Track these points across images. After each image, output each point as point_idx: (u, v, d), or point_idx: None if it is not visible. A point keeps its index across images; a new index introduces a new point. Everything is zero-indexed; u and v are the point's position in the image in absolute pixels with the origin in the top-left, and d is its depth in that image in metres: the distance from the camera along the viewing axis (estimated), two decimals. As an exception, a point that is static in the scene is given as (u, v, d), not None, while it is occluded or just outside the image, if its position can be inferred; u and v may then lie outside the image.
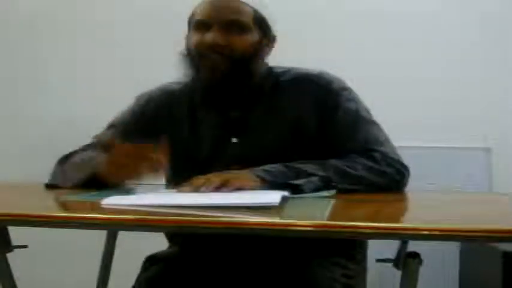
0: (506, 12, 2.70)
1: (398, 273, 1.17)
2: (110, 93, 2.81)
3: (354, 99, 1.47)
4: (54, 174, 1.47)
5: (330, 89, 1.45)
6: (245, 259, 1.39)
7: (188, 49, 1.45)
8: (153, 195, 1.21)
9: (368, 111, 1.48)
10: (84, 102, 2.83)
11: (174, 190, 1.27)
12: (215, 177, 1.22)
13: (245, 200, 1.05)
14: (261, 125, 1.45)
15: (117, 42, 2.87)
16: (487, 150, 2.61)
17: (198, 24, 1.43)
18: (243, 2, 1.43)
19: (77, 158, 1.45)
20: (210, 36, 1.39)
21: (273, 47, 1.51)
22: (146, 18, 2.84)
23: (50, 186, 1.41)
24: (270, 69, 1.51)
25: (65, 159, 1.48)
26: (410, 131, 2.39)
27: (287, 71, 1.51)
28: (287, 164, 1.32)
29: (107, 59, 2.87)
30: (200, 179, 1.23)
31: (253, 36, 1.43)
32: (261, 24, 1.45)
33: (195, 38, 1.42)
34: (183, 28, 1.50)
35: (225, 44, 1.39)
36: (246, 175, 1.27)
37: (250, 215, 0.94)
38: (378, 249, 1.48)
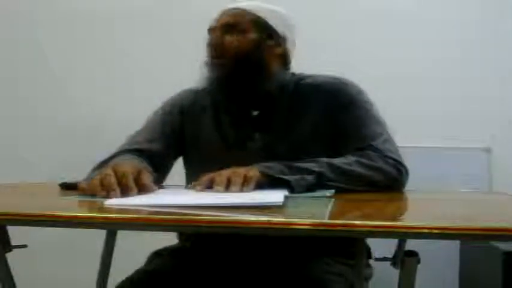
0: (505, 11, 2.70)
1: (396, 272, 1.17)
2: (111, 94, 2.82)
3: (365, 101, 1.54)
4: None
5: (345, 92, 1.53)
6: (249, 255, 1.41)
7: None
8: (156, 195, 1.21)
9: (377, 112, 1.54)
10: (86, 103, 2.83)
11: (176, 190, 1.28)
12: (219, 177, 1.23)
13: (248, 200, 1.05)
14: (282, 123, 1.52)
15: (116, 39, 2.88)
16: (487, 150, 2.62)
17: (208, 31, 1.57)
18: (243, 9, 1.55)
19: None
20: (209, 39, 1.55)
21: (285, 48, 1.59)
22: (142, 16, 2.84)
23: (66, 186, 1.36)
24: (293, 75, 1.61)
25: (101, 163, 1.45)
26: (410, 131, 2.39)
27: (308, 76, 1.60)
28: (287, 163, 1.34)
29: (107, 57, 2.88)
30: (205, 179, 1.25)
31: (251, 36, 1.53)
32: (263, 27, 1.54)
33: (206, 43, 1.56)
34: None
35: (221, 43, 1.52)
36: (248, 169, 1.28)
37: (251, 214, 0.94)
38: (377, 248, 1.48)
